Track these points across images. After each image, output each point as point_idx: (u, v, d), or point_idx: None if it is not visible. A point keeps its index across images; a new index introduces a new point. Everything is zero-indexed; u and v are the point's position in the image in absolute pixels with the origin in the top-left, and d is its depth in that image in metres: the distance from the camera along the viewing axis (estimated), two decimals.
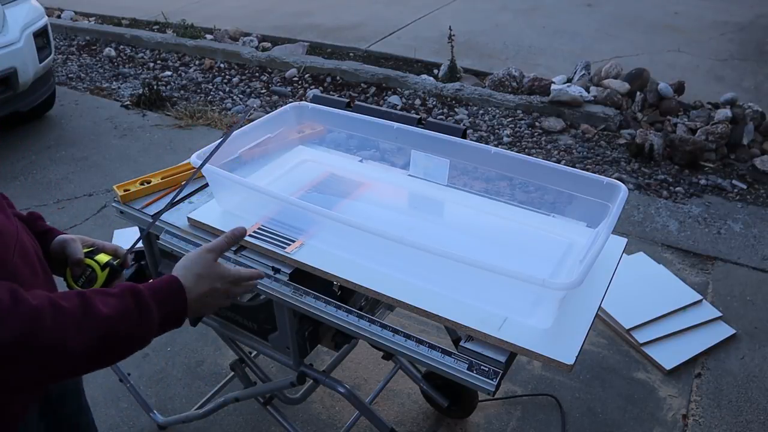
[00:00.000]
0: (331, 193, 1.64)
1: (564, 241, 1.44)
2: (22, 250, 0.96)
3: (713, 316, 2.55)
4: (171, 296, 0.96)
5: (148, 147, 4.17)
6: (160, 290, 0.95)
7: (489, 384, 1.13)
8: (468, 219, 1.56)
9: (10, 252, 0.93)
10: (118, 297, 0.89)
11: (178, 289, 0.97)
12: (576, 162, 3.81)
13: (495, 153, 1.53)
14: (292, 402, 1.88)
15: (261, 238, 1.41)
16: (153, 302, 0.91)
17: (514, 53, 5.57)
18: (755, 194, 3.50)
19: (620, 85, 4.33)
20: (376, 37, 5.98)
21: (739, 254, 2.97)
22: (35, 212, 1.18)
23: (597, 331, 2.53)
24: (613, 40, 5.80)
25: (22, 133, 4.35)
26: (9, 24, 3.86)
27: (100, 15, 7.11)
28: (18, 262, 0.93)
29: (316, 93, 4.78)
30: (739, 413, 2.19)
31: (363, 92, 4.84)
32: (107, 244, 1.20)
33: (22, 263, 0.95)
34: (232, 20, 6.55)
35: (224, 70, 5.43)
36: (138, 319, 0.89)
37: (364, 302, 1.63)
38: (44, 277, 1.02)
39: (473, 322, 1.19)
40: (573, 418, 2.18)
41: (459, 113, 4.44)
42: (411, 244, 1.19)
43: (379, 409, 2.20)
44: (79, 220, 3.36)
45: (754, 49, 5.51)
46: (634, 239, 3.06)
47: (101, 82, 5.33)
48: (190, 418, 2.09)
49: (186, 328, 2.53)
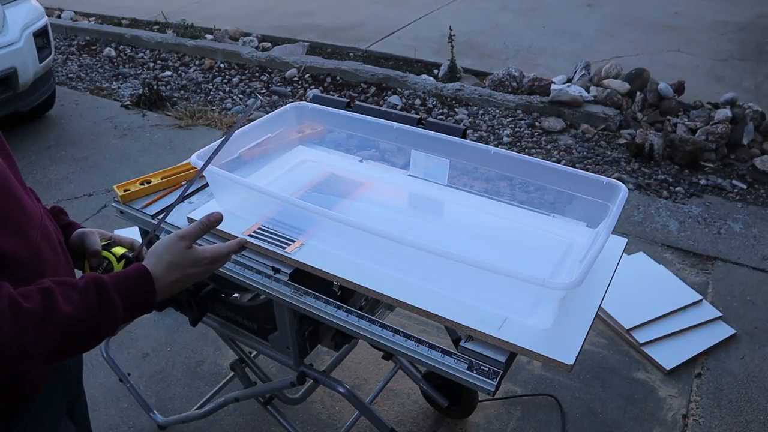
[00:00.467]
0: (331, 193, 1.64)
1: (564, 241, 1.44)
2: (45, 233, 1.00)
3: (713, 316, 2.55)
4: (139, 285, 0.96)
5: (148, 147, 4.17)
6: (126, 279, 0.95)
7: (489, 384, 1.13)
8: (468, 219, 1.56)
9: (35, 231, 0.96)
10: (80, 291, 0.88)
11: (146, 278, 0.97)
12: (576, 162, 3.81)
13: (495, 153, 1.53)
14: (292, 402, 1.88)
15: (261, 238, 1.41)
16: (117, 294, 0.91)
17: (514, 53, 5.57)
18: (755, 194, 3.50)
19: (620, 85, 4.33)
20: (376, 37, 5.98)
21: (739, 254, 2.97)
22: (57, 206, 1.21)
23: (597, 331, 2.53)
24: (613, 40, 5.80)
25: (22, 133, 4.35)
26: (9, 24, 3.86)
27: (100, 15, 7.11)
28: (41, 243, 0.97)
29: (316, 93, 4.78)
30: (739, 413, 2.19)
31: (363, 92, 4.84)
32: (123, 237, 1.24)
33: (45, 244, 0.98)
34: (232, 20, 6.55)
35: (224, 70, 5.43)
36: (100, 312, 0.89)
37: (364, 302, 1.63)
38: (65, 259, 1.05)
39: (473, 322, 1.19)
40: (573, 418, 2.18)
41: (459, 113, 4.44)
42: (411, 244, 1.19)
43: (379, 409, 2.20)
44: (79, 220, 3.35)
45: (754, 49, 5.51)
46: (634, 239, 3.06)
47: (101, 82, 5.33)
48: (190, 418, 2.09)
49: (186, 328, 2.55)
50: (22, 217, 0.94)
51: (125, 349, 2.50)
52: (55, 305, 0.85)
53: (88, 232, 1.18)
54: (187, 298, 1.55)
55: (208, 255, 1.06)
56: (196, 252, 1.04)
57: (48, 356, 0.85)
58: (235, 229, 1.44)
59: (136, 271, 0.97)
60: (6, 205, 0.91)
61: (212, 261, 1.06)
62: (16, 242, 0.91)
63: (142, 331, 2.59)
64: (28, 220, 0.95)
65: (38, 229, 0.97)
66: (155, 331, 2.59)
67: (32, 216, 0.97)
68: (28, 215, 0.96)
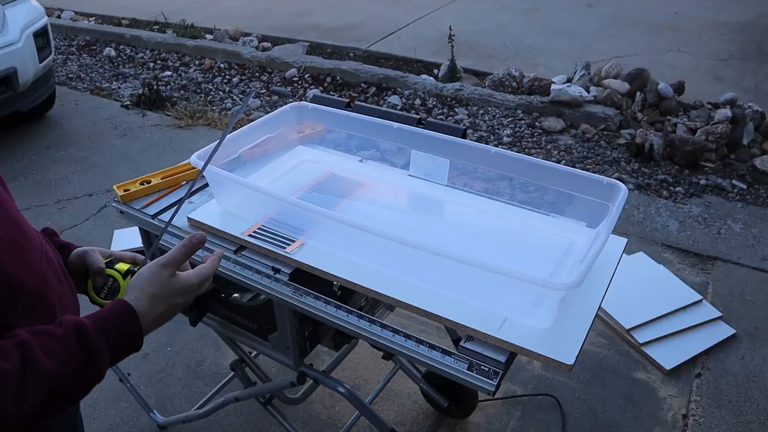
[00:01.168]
0: (331, 193, 1.64)
1: (564, 241, 1.44)
2: (48, 260, 0.94)
3: (713, 316, 2.55)
4: (123, 324, 0.89)
5: (148, 147, 4.17)
6: (109, 320, 0.88)
7: (489, 384, 1.13)
8: (468, 219, 1.56)
9: (38, 260, 0.90)
10: (61, 341, 0.81)
11: (131, 316, 0.90)
12: (576, 162, 3.81)
13: (495, 153, 1.53)
14: (292, 402, 1.88)
15: (261, 238, 1.41)
16: (101, 338, 0.85)
17: (514, 53, 5.57)
18: (755, 194, 3.50)
19: (620, 85, 4.33)
20: (376, 37, 5.98)
21: (739, 254, 2.97)
22: (49, 228, 1.14)
23: (597, 331, 2.53)
24: (613, 40, 5.80)
25: (22, 133, 4.35)
26: (9, 24, 3.86)
27: (100, 15, 7.11)
28: (47, 271, 0.91)
29: (316, 93, 4.78)
30: (739, 413, 2.19)
31: (363, 92, 4.84)
32: (125, 253, 1.16)
33: (50, 272, 0.92)
34: (232, 20, 6.55)
35: (224, 70, 5.43)
36: (86, 361, 0.82)
37: (364, 302, 1.63)
38: (68, 286, 0.99)
39: (473, 322, 1.18)
40: (573, 418, 2.18)
41: (459, 113, 4.44)
42: (411, 244, 1.19)
43: (379, 409, 2.20)
44: (79, 220, 3.36)
45: (754, 49, 5.51)
46: (634, 239, 3.06)
47: (101, 82, 5.33)
48: (190, 418, 2.09)
49: (186, 328, 2.55)
50: (27, 243, 0.89)
51: None
52: (34, 360, 0.77)
53: (89, 251, 1.10)
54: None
55: (195, 280, 0.99)
56: (181, 280, 0.97)
57: (33, 417, 0.77)
58: (235, 229, 1.44)
59: (120, 310, 0.90)
60: (10, 230, 0.85)
61: (200, 284, 1.00)
62: (24, 270, 0.85)
63: None
64: (31, 246, 0.89)
65: (41, 254, 0.91)
66: (155, 331, 2.58)
67: (33, 242, 0.91)
68: (30, 241, 0.90)
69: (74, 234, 3.23)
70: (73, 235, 3.23)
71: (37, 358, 0.77)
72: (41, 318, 0.87)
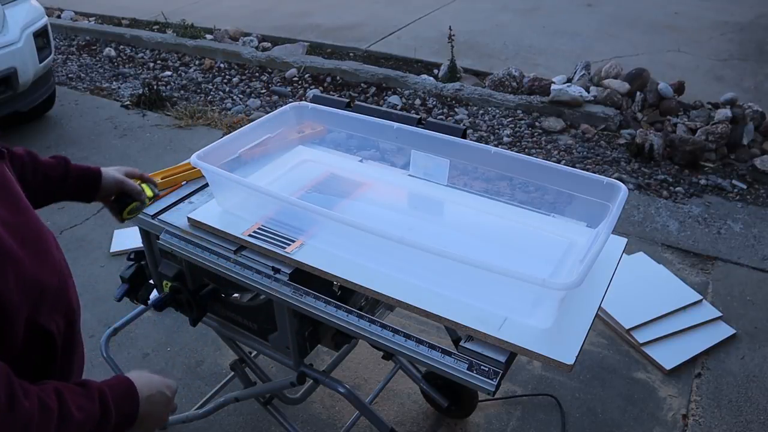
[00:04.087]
0: (331, 193, 1.64)
1: (564, 241, 1.44)
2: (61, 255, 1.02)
3: (713, 316, 2.55)
4: (125, 401, 0.98)
5: (148, 147, 4.17)
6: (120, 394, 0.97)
7: (489, 384, 1.13)
8: (468, 219, 1.56)
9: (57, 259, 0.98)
10: (87, 398, 0.91)
11: (133, 395, 0.99)
12: (576, 162, 3.81)
13: (495, 153, 1.53)
14: (292, 402, 1.88)
15: (261, 238, 1.41)
16: (113, 404, 0.94)
17: (514, 53, 5.57)
18: (755, 194, 3.50)
19: (620, 85, 4.33)
20: (376, 37, 5.98)
21: (739, 254, 2.97)
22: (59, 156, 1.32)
23: (597, 331, 2.53)
24: (613, 40, 5.80)
25: (22, 133, 4.35)
26: (9, 24, 3.86)
27: (100, 15, 7.11)
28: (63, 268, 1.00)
29: (316, 93, 4.78)
30: (739, 413, 2.19)
31: (363, 92, 4.84)
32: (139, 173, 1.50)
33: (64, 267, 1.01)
34: (232, 20, 6.55)
35: (224, 70, 5.43)
36: (101, 421, 0.92)
37: (364, 302, 1.63)
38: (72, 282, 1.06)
39: (473, 322, 1.19)
40: (573, 418, 2.18)
41: (459, 113, 4.44)
42: (411, 244, 1.19)
43: (379, 409, 2.20)
44: (79, 220, 3.36)
45: (754, 49, 5.51)
46: (634, 239, 3.06)
47: (101, 82, 5.33)
48: (190, 418, 2.09)
49: (186, 328, 2.55)
50: (46, 244, 0.96)
51: (125, 349, 2.50)
52: (68, 408, 0.87)
53: (125, 181, 1.41)
54: (187, 298, 1.56)
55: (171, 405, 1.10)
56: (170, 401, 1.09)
57: None
58: (235, 229, 1.44)
59: (126, 387, 0.99)
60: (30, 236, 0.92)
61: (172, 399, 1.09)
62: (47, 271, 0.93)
63: (142, 331, 2.59)
64: (48, 246, 0.97)
65: (56, 250, 0.99)
66: (155, 331, 2.59)
67: (50, 240, 0.98)
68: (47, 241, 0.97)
69: (74, 234, 3.23)
70: (73, 235, 3.23)
71: (70, 407, 0.88)
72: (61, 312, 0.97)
